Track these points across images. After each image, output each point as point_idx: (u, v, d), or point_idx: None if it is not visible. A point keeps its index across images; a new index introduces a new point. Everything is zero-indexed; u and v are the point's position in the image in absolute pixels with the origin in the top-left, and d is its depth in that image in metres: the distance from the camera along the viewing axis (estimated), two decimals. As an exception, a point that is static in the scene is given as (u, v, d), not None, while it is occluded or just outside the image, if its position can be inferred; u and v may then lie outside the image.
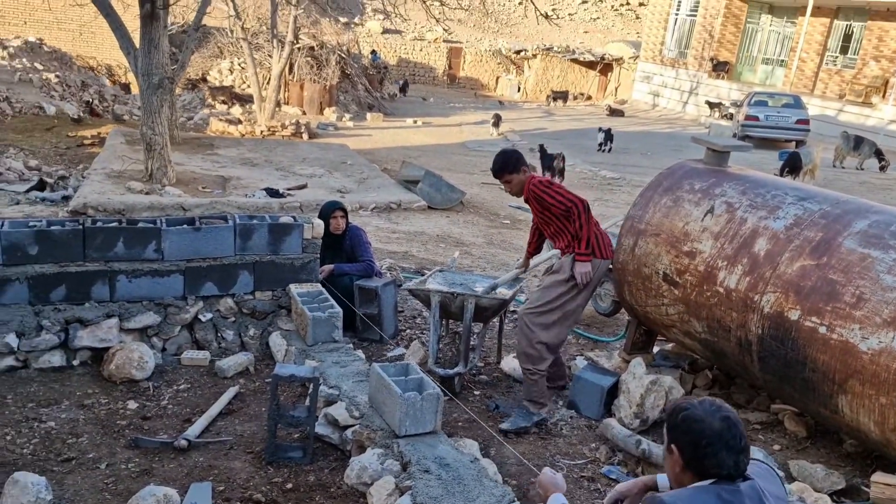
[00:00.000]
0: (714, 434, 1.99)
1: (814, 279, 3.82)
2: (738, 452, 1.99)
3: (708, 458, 1.99)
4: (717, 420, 2.01)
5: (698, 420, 2.03)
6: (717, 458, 1.98)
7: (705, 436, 2.00)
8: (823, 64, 25.59)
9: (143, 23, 9.86)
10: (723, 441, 1.98)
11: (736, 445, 1.99)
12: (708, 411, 2.04)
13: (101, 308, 4.63)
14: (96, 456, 3.63)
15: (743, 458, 2.00)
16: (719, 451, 1.98)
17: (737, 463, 1.99)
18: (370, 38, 34.91)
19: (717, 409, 2.05)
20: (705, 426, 2.01)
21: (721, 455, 1.98)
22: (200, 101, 21.50)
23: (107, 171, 10.90)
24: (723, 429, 1.99)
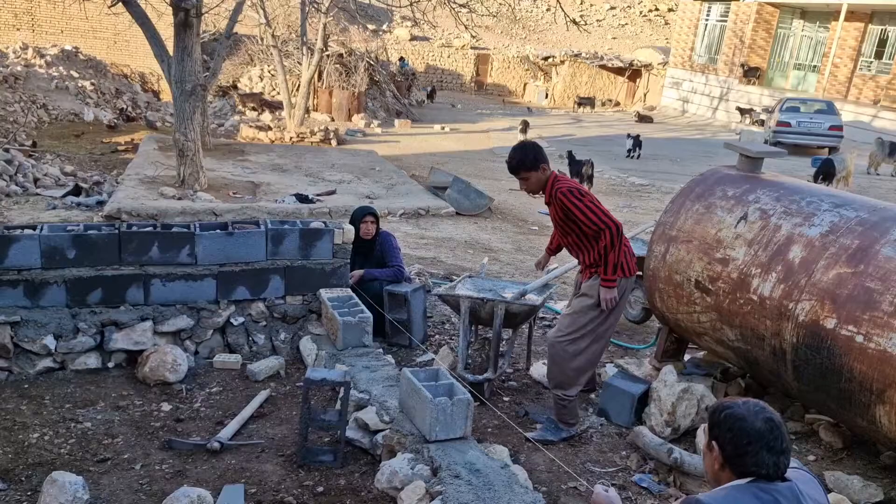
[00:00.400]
0: (756, 433, 1.99)
1: (850, 287, 3.76)
2: (779, 454, 1.98)
3: (748, 457, 1.98)
4: (759, 420, 2.00)
5: (741, 418, 2.02)
6: (758, 458, 1.98)
7: (747, 434, 1.99)
8: (857, 69, 25.18)
9: (176, 31, 10.03)
10: (764, 441, 1.98)
11: (777, 447, 1.98)
12: (751, 411, 2.03)
13: (136, 311, 4.71)
14: (131, 457, 3.69)
15: (783, 460, 1.99)
16: (760, 450, 1.98)
17: (777, 464, 1.98)
18: (398, 45, 35.11)
19: (761, 410, 2.04)
20: (747, 425, 2.00)
21: (762, 455, 1.97)
22: (231, 108, 21.78)
23: (140, 176, 11.09)
24: (765, 429, 1.99)
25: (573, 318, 4.19)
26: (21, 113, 15.87)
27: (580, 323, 4.15)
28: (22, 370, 4.42)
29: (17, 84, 17.44)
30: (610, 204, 12.48)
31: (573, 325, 4.17)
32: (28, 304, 4.48)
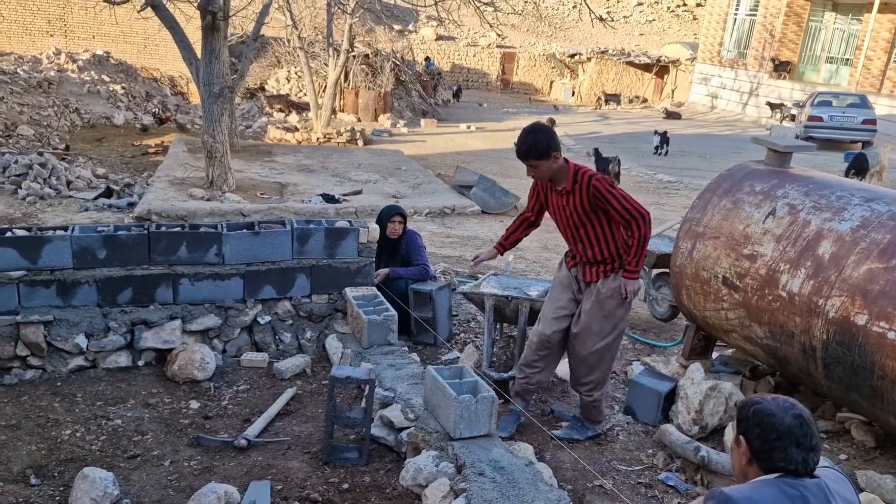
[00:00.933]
0: (785, 429, 1.97)
1: (882, 282, 3.69)
2: (809, 450, 1.96)
3: (777, 452, 1.97)
4: (789, 416, 1.99)
5: (770, 414, 2.00)
6: (786, 453, 1.96)
7: (776, 430, 1.98)
8: (891, 62, 24.66)
9: (204, 34, 10.15)
10: (793, 437, 1.96)
11: (806, 443, 1.96)
12: (781, 407, 2.02)
13: (165, 310, 4.77)
14: (160, 453, 3.74)
15: (812, 457, 1.96)
16: (788, 446, 1.96)
17: (805, 460, 1.96)
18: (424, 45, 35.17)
19: (791, 406, 2.02)
20: (776, 420, 1.99)
21: (790, 450, 1.96)
22: (259, 110, 21.98)
23: (170, 178, 11.24)
24: (794, 425, 1.97)
25: (605, 322, 4.01)
26: (54, 117, 16.18)
27: (613, 324, 4.03)
28: (55, 368, 4.51)
29: (51, 89, 17.78)
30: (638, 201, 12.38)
31: (608, 329, 4.03)
32: (60, 304, 4.57)
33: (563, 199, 3.95)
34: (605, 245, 3.97)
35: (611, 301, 4.00)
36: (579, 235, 4.00)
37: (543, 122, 4.05)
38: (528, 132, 3.84)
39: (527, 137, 3.82)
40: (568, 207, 3.95)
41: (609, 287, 3.99)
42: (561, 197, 3.97)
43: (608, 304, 4.00)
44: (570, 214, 3.96)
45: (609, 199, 3.84)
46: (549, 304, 4.20)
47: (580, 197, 3.88)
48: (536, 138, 3.80)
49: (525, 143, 3.82)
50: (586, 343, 4.05)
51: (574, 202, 3.91)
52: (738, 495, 1.92)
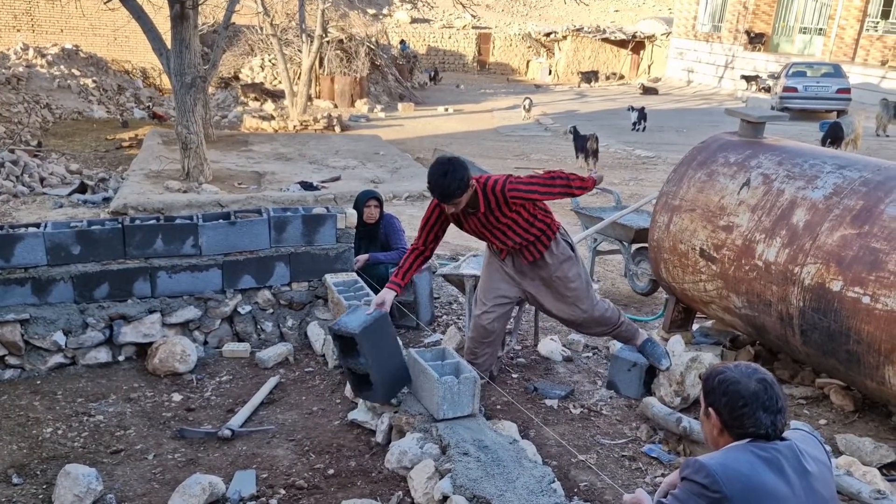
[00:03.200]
0: (751, 395, 2.00)
1: (855, 248, 3.73)
2: (776, 413, 1.99)
3: (746, 419, 1.99)
4: (753, 381, 2.02)
5: (734, 382, 2.03)
6: (755, 418, 1.99)
7: (742, 396, 2.00)
8: (864, 30, 24.81)
9: (173, 23, 10.01)
10: (759, 401, 1.99)
11: (773, 406, 1.99)
12: (744, 374, 2.04)
13: (144, 304, 4.74)
14: (144, 447, 3.72)
15: (780, 419, 2.00)
16: (756, 411, 1.99)
17: (774, 423, 1.99)
18: (399, 29, 34.91)
19: (754, 372, 2.05)
20: (741, 387, 2.01)
21: (759, 415, 1.99)
22: (234, 99, 21.76)
23: (145, 171, 11.13)
24: (759, 390, 2.00)
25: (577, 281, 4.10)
26: (25, 113, 15.92)
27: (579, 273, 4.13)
28: (34, 367, 4.47)
29: (20, 85, 17.49)
30: (616, 177, 12.42)
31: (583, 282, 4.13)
32: (36, 302, 4.52)
33: (481, 217, 3.87)
34: (532, 225, 3.94)
35: (566, 263, 4.08)
36: (507, 236, 3.94)
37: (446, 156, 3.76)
38: (444, 174, 3.61)
39: (445, 180, 3.62)
40: (488, 222, 3.89)
41: (556, 257, 4.04)
42: (476, 217, 3.88)
43: (565, 267, 4.07)
44: (494, 226, 3.90)
45: (530, 196, 3.80)
46: (487, 293, 4.13)
47: (500, 209, 3.82)
48: (455, 177, 3.61)
49: (448, 185, 3.62)
50: (578, 309, 4.15)
51: (494, 216, 3.85)
52: (712, 462, 1.95)
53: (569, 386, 4.54)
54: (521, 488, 3.00)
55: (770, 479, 1.92)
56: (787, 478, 1.93)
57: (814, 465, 1.99)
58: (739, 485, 1.89)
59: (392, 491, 3.32)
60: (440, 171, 3.63)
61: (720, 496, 1.88)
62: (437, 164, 3.68)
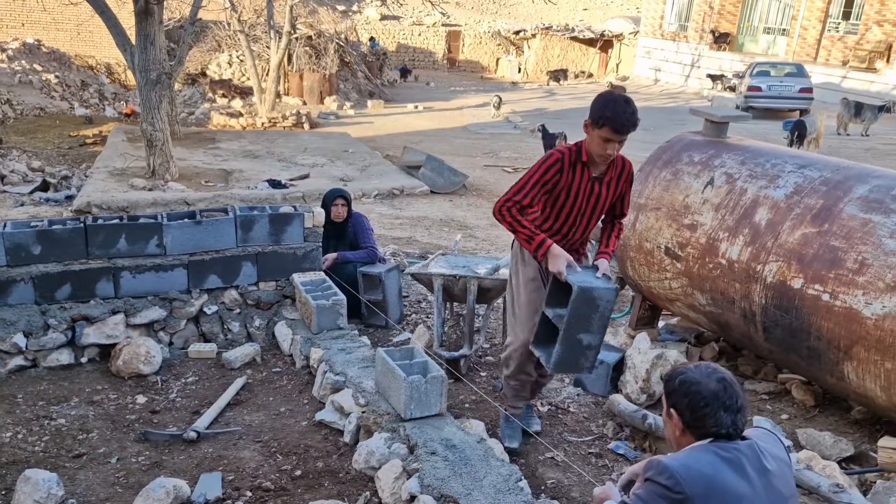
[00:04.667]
0: (711, 395, 2.02)
1: (816, 247, 3.80)
2: (736, 412, 2.02)
3: (707, 419, 2.02)
4: (713, 381, 2.05)
5: (695, 382, 2.06)
6: (716, 418, 2.01)
7: (703, 397, 2.03)
8: (826, 31, 25.30)
9: (137, 19, 9.85)
10: (720, 401, 2.02)
11: (733, 405, 2.02)
12: (704, 374, 2.07)
13: (107, 305, 4.65)
14: (107, 451, 3.66)
15: (740, 418, 2.03)
16: (717, 411, 2.01)
17: (734, 422, 2.02)
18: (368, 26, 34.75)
19: (713, 371, 2.09)
20: (702, 388, 2.04)
21: (719, 414, 2.01)
22: (201, 96, 21.49)
23: (109, 169, 10.94)
24: (719, 389, 2.03)
25: None
26: (-16, 110, 15.56)
27: None
28: (-7, 370, 4.37)
29: (-21, 80, 17.09)
30: (584, 176, 12.50)
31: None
32: (-5, 303, 4.42)
33: (595, 185, 3.49)
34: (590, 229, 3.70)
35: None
36: (592, 221, 3.62)
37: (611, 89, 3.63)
38: (627, 101, 3.30)
39: (630, 107, 3.28)
40: (600, 195, 3.52)
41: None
42: (591, 183, 3.49)
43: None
44: (598, 203, 3.54)
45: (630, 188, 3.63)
46: (528, 308, 3.65)
47: (617, 184, 3.54)
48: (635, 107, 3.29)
49: (634, 113, 3.28)
50: None
51: (610, 189, 3.53)
52: (675, 463, 1.97)
53: (537, 384, 4.56)
54: (488, 487, 3.01)
55: (731, 478, 1.94)
56: (748, 477, 1.96)
57: (774, 464, 2.02)
58: (702, 485, 1.91)
59: (360, 491, 3.31)
60: (621, 98, 3.31)
61: (683, 497, 1.91)
62: (612, 95, 3.37)
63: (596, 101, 3.36)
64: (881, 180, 3.90)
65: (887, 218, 3.64)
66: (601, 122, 3.28)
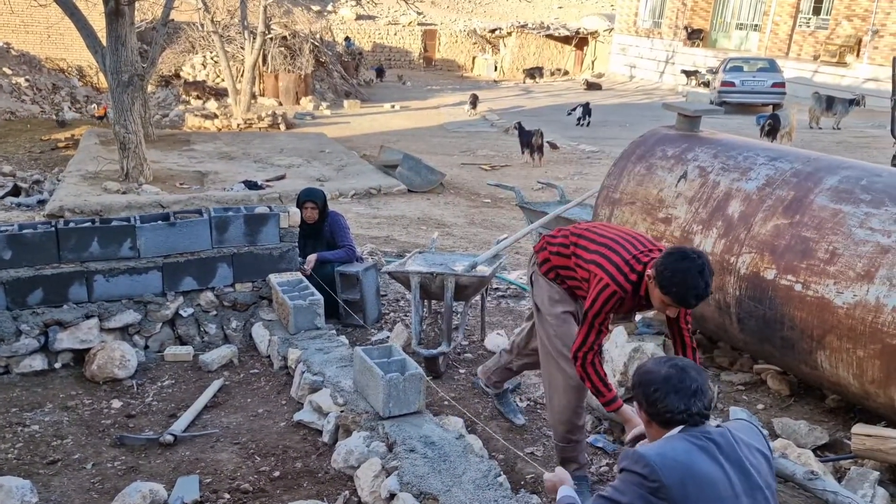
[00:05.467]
0: (661, 379, 2.09)
1: (788, 238, 3.84)
2: (690, 396, 2.06)
3: (659, 403, 2.07)
4: (665, 367, 2.11)
5: (647, 371, 2.15)
6: (667, 402, 2.06)
7: (653, 382, 2.10)
8: (797, 26, 25.59)
9: (108, 20, 9.74)
10: (670, 385, 2.07)
11: (685, 389, 2.06)
12: (658, 363, 2.15)
13: (80, 309, 4.60)
14: (82, 456, 3.62)
15: (695, 402, 2.06)
16: (668, 394, 2.06)
17: (688, 406, 2.05)
18: (344, 26, 34.63)
19: (668, 360, 2.15)
20: (653, 374, 2.12)
21: (670, 398, 2.06)
22: (175, 98, 21.29)
23: (82, 172, 10.81)
24: (670, 374, 2.09)
25: None
26: (-47, 114, 15.31)
27: None
28: (-36, 377, 4.30)
29: (-53, 84, 16.80)
30: (562, 172, 12.57)
31: None
32: (-35, 310, 4.35)
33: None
34: None
35: None
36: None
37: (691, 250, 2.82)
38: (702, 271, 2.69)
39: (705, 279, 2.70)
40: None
41: None
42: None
43: None
44: None
45: None
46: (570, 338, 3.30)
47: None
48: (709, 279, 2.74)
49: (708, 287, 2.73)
50: None
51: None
52: (650, 452, 2.00)
53: (515, 380, 4.57)
54: (467, 483, 3.01)
55: (705, 465, 1.97)
56: (720, 463, 1.98)
57: (748, 452, 2.05)
58: (677, 473, 1.94)
59: (339, 491, 3.30)
60: (696, 267, 2.69)
61: (658, 485, 1.93)
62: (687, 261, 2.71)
63: (667, 263, 2.76)
64: (850, 171, 3.96)
65: (857, 208, 3.69)
66: (667, 291, 2.77)
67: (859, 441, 3.39)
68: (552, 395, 3.44)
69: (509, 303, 6.17)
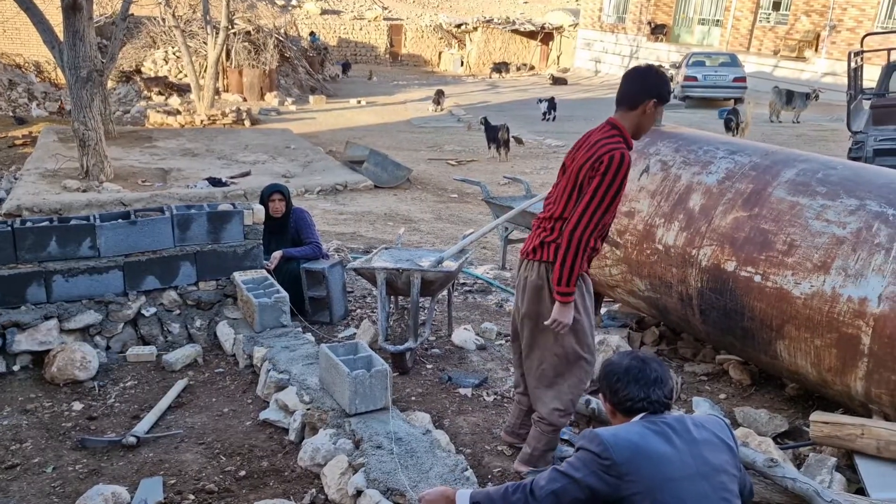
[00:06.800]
0: (623, 370, 2.21)
1: (747, 230, 3.91)
2: (649, 385, 2.17)
3: (620, 392, 2.19)
4: (626, 359, 2.25)
5: (611, 363, 2.28)
6: (628, 391, 2.18)
7: (615, 373, 2.22)
8: (757, 21, 26.03)
9: (65, 14, 9.54)
10: (630, 375, 2.19)
11: (645, 378, 2.18)
12: (621, 355, 2.28)
13: (39, 310, 4.50)
14: (42, 460, 3.55)
15: (655, 390, 2.17)
16: (629, 384, 2.18)
17: (647, 395, 2.16)
18: (308, 20, 34.35)
19: (630, 353, 2.28)
20: (615, 366, 2.25)
21: (631, 387, 2.17)
22: (136, 94, 20.93)
23: (40, 170, 10.58)
24: (631, 366, 2.22)
25: None
26: None
27: None
28: (-83, 382, 4.19)
29: None
30: (528, 166, 12.62)
31: None
32: (-82, 313, 4.23)
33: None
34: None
35: None
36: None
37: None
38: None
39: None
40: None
41: None
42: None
43: None
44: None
45: None
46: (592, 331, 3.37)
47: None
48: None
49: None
50: None
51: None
52: (605, 433, 2.10)
53: (482, 374, 4.60)
54: (434, 478, 3.02)
55: (657, 444, 2.06)
56: (672, 442, 2.07)
57: (705, 434, 2.11)
58: (628, 451, 2.04)
59: (306, 489, 3.28)
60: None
61: (610, 463, 2.03)
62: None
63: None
64: (807, 164, 4.03)
65: (813, 200, 3.77)
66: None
67: (817, 428, 3.46)
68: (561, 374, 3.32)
69: (476, 297, 6.19)
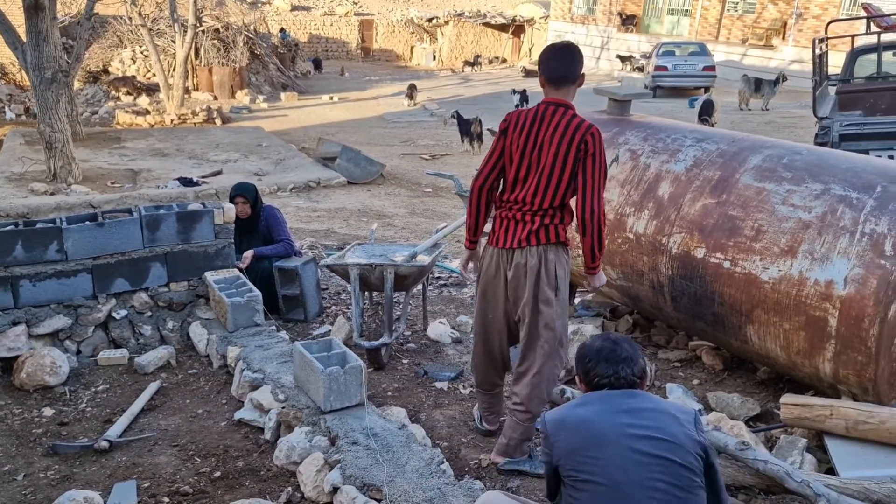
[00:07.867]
0: (594, 351, 2.33)
1: (715, 217, 3.95)
2: (618, 363, 2.28)
3: (591, 372, 2.30)
4: (598, 341, 2.37)
5: (584, 346, 2.40)
6: (598, 370, 2.29)
7: (588, 353, 2.34)
8: (726, 10, 26.27)
9: (27, 14, 9.38)
10: (601, 355, 2.30)
11: (613, 357, 2.28)
12: (594, 338, 2.41)
13: (6, 316, 4.42)
14: (12, 468, 3.49)
15: (623, 368, 2.27)
16: (599, 363, 2.29)
17: (616, 372, 2.27)
18: (278, 17, 34.05)
19: (602, 335, 2.42)
20: (587, 348, 2.36)
21: (601, 366, 2.29)
22: (104, 94, 20.61)
23: (6, 174, 10.41)
24: (603, 346, 2.33)
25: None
26: None
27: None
28: None
29: None
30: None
31: None
32: None
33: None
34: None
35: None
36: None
37: None
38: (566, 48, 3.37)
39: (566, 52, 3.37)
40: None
41: None
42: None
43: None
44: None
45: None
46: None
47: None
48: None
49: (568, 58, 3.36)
50: None
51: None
52: (549, 413, 2.29)
53: (458, 367, 4.60)
54: (410, 472, 3.02)
55: (580, 411, 2.24)
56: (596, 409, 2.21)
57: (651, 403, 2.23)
58: (556, 423, 2.25)
59: (282, 488, 3.27)
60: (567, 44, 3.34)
61: (546, 438, 2.26)
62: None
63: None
64: (773, 150, 4.08)
65: (779, 186, 3.81)
66: None
67: (788, 410, 3.52)
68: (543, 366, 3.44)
69: (451, 291, 6.19)
